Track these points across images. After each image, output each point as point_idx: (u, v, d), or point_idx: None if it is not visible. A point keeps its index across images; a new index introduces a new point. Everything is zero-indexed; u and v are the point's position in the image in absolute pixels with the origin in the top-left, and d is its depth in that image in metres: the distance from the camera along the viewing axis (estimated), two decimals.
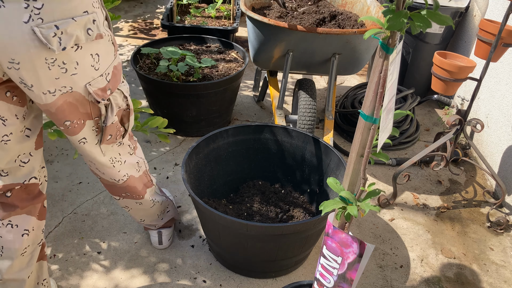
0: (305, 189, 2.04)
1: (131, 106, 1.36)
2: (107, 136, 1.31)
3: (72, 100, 1.16)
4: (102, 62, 1.17)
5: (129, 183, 1.53)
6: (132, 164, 1.52)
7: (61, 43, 1.03)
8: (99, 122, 1.27)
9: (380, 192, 0.97)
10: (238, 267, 1.77)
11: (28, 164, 1.28)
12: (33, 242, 1.36)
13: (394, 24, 0.72)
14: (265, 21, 2.03)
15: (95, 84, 1.18)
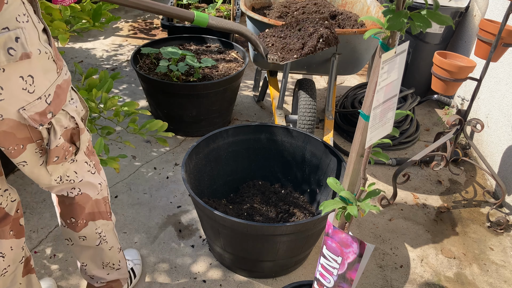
0: (305, 189, 2.04)
1: (80, 125, 1.20)
2: (52, 158, 1.16)
3: (6, 128, 1.02)
4: (38, 84, 1.02)
5: (78, 200, 1.33)
6: (91, 183, 1.33)
7: None
8: (42, 144, 1.13)
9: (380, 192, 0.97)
10: (238, 267, 1.77)
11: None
12: (13, 261, 1.30)
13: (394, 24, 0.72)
14: (265, 21, 2.03)
15: (31, 108, 1.03)
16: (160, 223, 2.02)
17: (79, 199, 1.33)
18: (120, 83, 3.15)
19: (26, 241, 1.86)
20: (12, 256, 1.29)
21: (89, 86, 1.69)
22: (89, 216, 1.38)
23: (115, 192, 2.17)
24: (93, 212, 1.39)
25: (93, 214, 1.39)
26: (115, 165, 1.72)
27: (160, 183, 2.25)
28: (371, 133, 0.85)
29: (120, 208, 2.08)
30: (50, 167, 1.19)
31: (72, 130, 1.20)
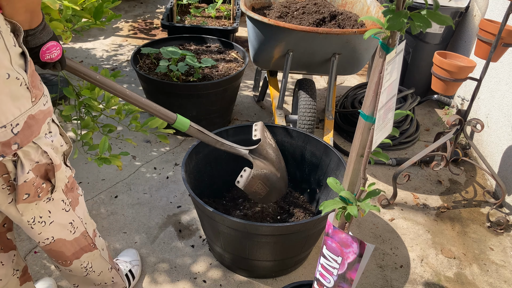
0: (305, 189, 2.04)
1: (55, 162, 1.10)
2: (22, 195, 1.06)
3: None
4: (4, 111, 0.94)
5: (52, 247, 1.24)
6: (62, 224, 1.23)
7: None
8: (10, 179, 1.03)
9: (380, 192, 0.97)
10: (238, 267, 1.77)
11: None
12: (5, 275, 1.27)
13: (394, 24, 0.72)
14: (265, 21, 2.03)
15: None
16: (160, 223, 2.02)
17: (54, 246, 1.25)
18: (120, 83, 3.15)
19: (26, 242, 1.86)
20: (3, 271, 1.26)
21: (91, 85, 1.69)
22: (72, 256, 1.31)
23: (115, 192, 2.17)
24: (75, 251, 1.31)
25: (75, 253, 1.31)
26: (118, 163, 1.73)
27: (160, 183, 2.25)
28: (376, 135, 0.85)
29: (120, 208, 2.08)
30: (21, 205, 1.09)
31: (46, 166, 1.10)
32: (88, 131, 1.64)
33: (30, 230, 1.17)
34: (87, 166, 2.32)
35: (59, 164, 1.12)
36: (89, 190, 2.17)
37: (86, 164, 2.34)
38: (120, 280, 1.55)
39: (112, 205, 2.09)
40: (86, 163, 2.34)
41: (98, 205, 2.08)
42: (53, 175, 1.12)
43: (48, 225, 1.19)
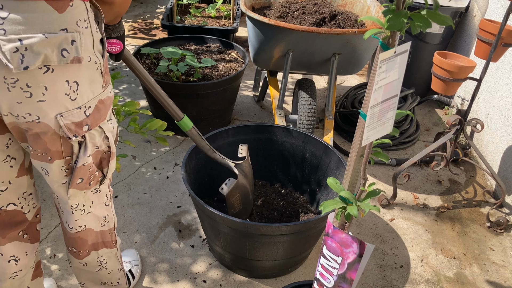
0: (305, 189, 2.04)
1: (112, 149, 1.16)
2: (76, 179, 1.12)
3: (39, 131, 0.99)
4: (81, 92, 1.00)
5: (81, 235, 1.28)
6: (97, 217, 1.28)
7: (23, 60, 0.88)
8: (71, 162, 1.09)
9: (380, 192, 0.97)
10: (238, 267, 1.77)
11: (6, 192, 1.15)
12: (25, 266, 1.29)
13: (394, 24, 0.72)
14: (265, 21, 2.03)
15: (68, 116, 1.00)
16: (160, 223, 2.02)
17: (82, 234, 1.28)
18: (120, 83, 3.15)
19: None
20: (25, 262, 1.28)
21: None
22: (92, 247, 1.34)
23: (115, 192, 2.17)
24: (96, 242, 1.34)
25: (96, 245, 1.35)
26: (116, 165, 1.72)
27: (160, 183, 2.25)
28: (368, 131, 0.85)
29: (120, 208, 2.08)
30: (72, 190, 1.14)
31: (103, 154, 1.16)
32: None
33: (69, 214, 1.21)
34: None
35: (114, 153, 1.18)
36: None
37: None
38: (124, 284, 1.56)
39: None
40: None
41: None
42: (107, 164, 1.18)
43: (86, 214, 1.24)
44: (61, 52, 0.92)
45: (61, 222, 1.30)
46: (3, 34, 0.86)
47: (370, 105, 0.82)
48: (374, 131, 0.87)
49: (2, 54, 0.87)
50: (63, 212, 1.24)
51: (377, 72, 0.79)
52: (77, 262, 1.37)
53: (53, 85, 0.95)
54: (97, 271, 1.41)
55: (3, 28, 0.86)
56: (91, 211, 1.25)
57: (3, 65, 0.88)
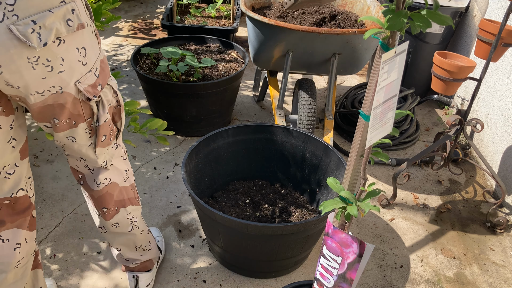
0: (305, 189, 2.04)
1: (121, 102, 1.29)
2: (101, 137, 1.24)
3: (63, 101, 1.09)
4: (89, 56, 1.10)
5: (108, 190, 1.38)
6: (120, 170, 1.40)
7: (41, 38, 0.96)
8: (92, 123, 1.20)
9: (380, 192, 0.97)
10: (238, 267, 1.77)
11: (14, 175, 1.20)
12: (26, 253, 1.31)
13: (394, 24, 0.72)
14: (265, 21, 2.03)
15: (84, 81, 1.10)
16: (160, 223, 2.02)
17: (108, 189, 1.39)
18: (120, 83, 3.15)
19: None
20: (26, 249, 1.31)
21: None
22: (119, 203, 1.44)
23: None
24: (123, 199, 1.44)
25: (123, 201, 1.45)
26: None
27: (160, 183, 2.25)
28: (371, 133, 0.85)
29: None
30: (98, 149, 1.27)
31: (114, 109, 1.27)
32: None
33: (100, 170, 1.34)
34: None
35: (123, 105, 1.31)
36: None
37: None
38: (155, 247, 1.68)
39: None
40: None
41: None
42: (119, 118, 1.31)
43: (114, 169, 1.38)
44: (67, 22, 1.01)
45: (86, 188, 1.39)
46: (17, 19, 0.93)
47: (373, 107, 0.82)
48: (376, 132, 0.87)
49: (24, 37, 0.94)
50: (94, 171, 1.35)
51: (380, 73, 0.79)
52: (110, 225, 1.46)
53: (67, 54, 1.04)
54: (130, 231, 1.51)
55: (15, 14, 0.92)
56: (113, 163, 1.37)
57: (26, 47, 0.96)
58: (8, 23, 0.92)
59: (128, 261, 1.62)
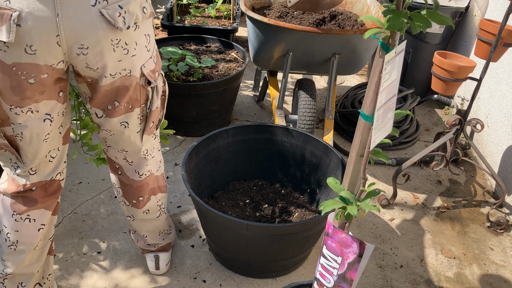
0: (305, 189, 2.04)
1: (166, 92, 1.37)
2: (150, 123, 1.32)
3: (128, 84, 1.18)
4: (151, 43, 1.20)
5: (147, 181, 1.48)
6: (156, 161, 1.49)
7: (125, 22, 1.07)
8: (145, 109, 1.29)
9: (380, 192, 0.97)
10: (238, 267, 1.77)
11: (56, 159, 1.28)
12: (45, 236, 1.37)
13: (394, 24, 0.72)
14: (265, 21, 2.03)
15: (147, 66, 1.19)
16: None
17: (148, 179, 1.47)
18: None
19: None
20: (46, 231, 1.36)
21: None
22: (151, 191, 1.52)
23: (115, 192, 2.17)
24: (154, 187, 1.52)
25: (154, 189, 1.53)
26: None
27: None
28: (374, 134, 0.85)
29: (120, 208, 2.08)
30: (145, 136, 1.34)
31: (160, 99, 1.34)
32: (88, 131, 1.64)
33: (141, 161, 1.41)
34: (87, 166, 2.33)
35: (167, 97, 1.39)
36: (89, 190, 2.17)
37: (86, 164, 2.34)
38: (174, 231, 1.80)
39: (112, 205, 2.09)
40: (86, 163, 2.34)
41: (98, 205, 2.08)
42: (163, 107, 1.38)
43: (151, 159, 1.44)
44: (143, 10, 1.12)
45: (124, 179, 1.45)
46: (107, 4, 1.03)
47: (376, 108, 0.82)
48: (379, 133, 0.87)
49: (113, 20, 1.04)
50: (132, 163, 1.40)
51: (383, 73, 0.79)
52: (141, 213, 1.54)
53: (139, 39, 1.14)
54: (157, 217, 1.60)
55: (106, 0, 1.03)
56: (154, 155, 1.45)
57: (112, 29, 1.05)
58: (100, 7, 1.02)
59: (150, 246, 1.70)
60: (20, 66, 1.03)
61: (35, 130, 1.15)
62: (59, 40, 1.02)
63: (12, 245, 1.30)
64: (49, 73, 1.08)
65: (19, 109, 1.10)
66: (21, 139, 1.16)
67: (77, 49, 1.05)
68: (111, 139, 1.33)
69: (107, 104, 1.21)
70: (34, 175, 1.25)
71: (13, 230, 1.28)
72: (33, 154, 1.19)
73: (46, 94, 1.12)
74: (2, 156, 1.22)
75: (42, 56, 1.03)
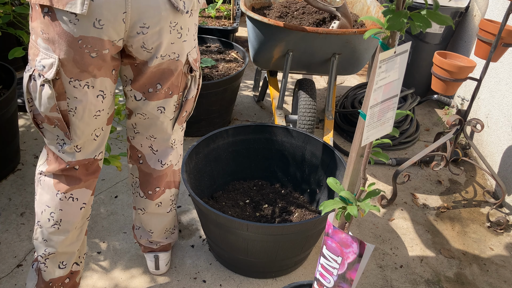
0: (305, 189, 2.04)
1: (199, 87, 1.40)
2: (183, 112, 1.36)
3: (173, 68, 1.22)
4: (196, 33, 1.26)
5: (167, 171, 1.50)
6: (178, 154, 1.52)
7: (185, 6, 1.13)
8: (181, 98, 1.33)
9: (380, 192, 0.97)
10: (238, 267, 1.77)
11: (99, 137, 1.31)
12: (84, 216, 1.40)
13: (394, 24, 0.72)
14: (265, 21, 2.03)
15: (192, 54, 1.25)
16: None
17: (167, 170, 1.49)
18: (120, 83, 3.15)
19: (26, 242, 1.86)
20: (85, 211, 1.39)
21: None
22: (167, 185, 1.54)
23: (115, 192, 2.17)
24: (170, 181, 1.55)
25: (170, 183, 1.55)
26: (117, 164, 1.73)
27: None
28: (367, 131, 0.85)
29: (120, 208, 2.08)
30: (176, 125, 1.39)
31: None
32: None
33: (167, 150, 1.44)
34: None
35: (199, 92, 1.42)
36: None
37: None
38: (177, 232, 1.80)
39: (112, 205, 2.09)
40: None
41: (98, 205, 2.08)
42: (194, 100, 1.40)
43: (175, 150, 1.48)
44: None
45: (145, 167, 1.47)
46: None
47: (369, 105, 0.82)
48: (374, 131, 0.87)
49: (176, 2, 1.10)
50: (156, 152, 1.43)
51: (377, 72, 0.79)
52: (153, 205, 1.55)
53: (191, 26, 1.19)
54: (168, 212, 1.62)
55: None
56: (177, 147, 1.49)
57: (173, 12, 1.11)
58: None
59: (152, 243, 1.71)
60: (86, 39, 1.08)
61: (88, 106, 1.20)
62: (125, 17, 1.07)
63: (55, 224, 1.34)
64: (109, 49, 1.12)
65: (78, 82, 1.15)
66: (74, 114, 1.20)
67: (138, 28, 1.10)
68: (143, 124, 1.37)
69: (148, 87, 1.25)
70: (79, 152, 1.28)
71: (57, 209, 1.32)
72: (82, 130, 1.24)
73: (103, 71, 1.17)
74: (50, 133, 1.25)
75: (108, 31, 1.08)
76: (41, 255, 1.38)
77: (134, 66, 1.22)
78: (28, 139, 2.46)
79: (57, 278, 1.43)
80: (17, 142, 2.21)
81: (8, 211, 1.99)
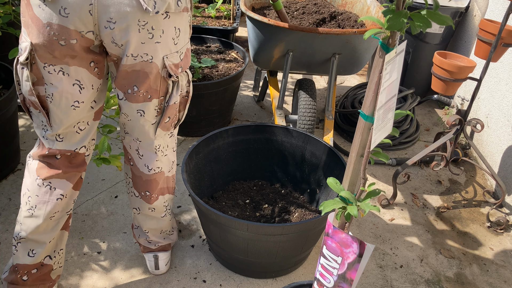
0: (305, 189, 2.04)
1: (190, 94, 1.39)
2: (166, 117, 1.35)
3: (148, 71, 1.21)
4: (180, 39, 1.23)
5: (156, 177, 1.50)
6: (169, 161, 1.52)
7: (155, 6, 1.11)
8: (163, 102, 1.32)
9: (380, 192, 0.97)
10: (238, 267, 1.77)
11: (83, 132, 1.34)
12: (63, 209, 1.41)
13: (394, 24, 0.72)
14: (265, 21, 2.03)
15: (170, 58, 1.23)
16: None
17: (156, 176, 1.49)
18: None
19: None
20: (64, 204, 1.40)
21: None
22: (160, 191, 1.55)
23: (115, 192, 2.17)
24: (163, 187, 1.55)
25: (163, 189, 1.56)
26: (117, 163, 1.73)
27: None
28: (375, 134, 0.85)
29: (120, 208, 2.08)
30: (159, 130, 1.37)
31: (181, 98, 1.37)
32: None
33: (152, 155, 1.43)
34: (87, 166, 2.33)
35: (190, 98, 1.41)
36: (89, 190, 2.17)
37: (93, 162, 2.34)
38: (176, 233, 1.81)
39: (112, 205, 2.09)
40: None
41: (98, 205, 2.08)
42: (183, 108, 1.40)
43: (163, 156, 1.46)
44: (177, 2, 1.16)
45: (135, 170, 1.48)
46: None
47: (378, 107, 0.82)
48: (379, 133, 0.87)
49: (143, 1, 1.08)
50: (142, 156, 1.44)
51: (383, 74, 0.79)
52: (147, 208, 1.56)
53: (167, 29, 1.17)
54: (162, 217, 1.62)
55: None
56: (167, 154, 1.47)
57: (142, 10, 1.10)
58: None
59: (151, 243, 1.71)
60: (52, 26, 1.10)
61: (64, 93, 1.22)
62: (92, 9, 1.08)
63: (30, 209, 1.36)
64: (78, 39, 1.14)
65: (52, 67, 1.18)
66: (51, 100, 1.23)
67: (105, 22, 1.10)
68: (128, 125, 1.39)
69: (127, 88, 1.26)
70: (60, 142, 1.32)
71: (34, 194, 1.35)
72: (61, 119, 1.26)
73: (77, 60, 1.18)
74: (36, 118, 1.29)
75: (73, 21, 1.09)
76: (14, 237, 1.41)
77: (115, 63, 1.24)
78: (28, 139, 2.46)
79: (23, 265, 1.43)
80: (17, 142, 2.21)
81: (8, 211, 1.99)
